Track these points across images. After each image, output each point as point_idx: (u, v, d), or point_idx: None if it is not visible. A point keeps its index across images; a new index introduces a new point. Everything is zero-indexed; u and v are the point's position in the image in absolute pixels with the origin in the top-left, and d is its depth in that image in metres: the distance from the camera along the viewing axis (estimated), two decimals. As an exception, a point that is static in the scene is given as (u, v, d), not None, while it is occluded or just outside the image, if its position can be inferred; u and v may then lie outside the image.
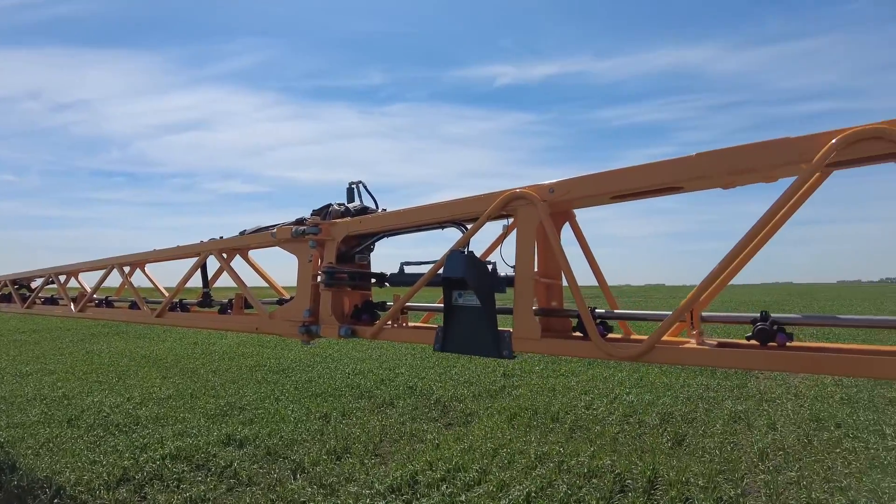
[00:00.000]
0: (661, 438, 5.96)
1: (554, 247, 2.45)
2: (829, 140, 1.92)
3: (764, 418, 6.77)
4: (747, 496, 4.54)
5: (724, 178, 2.14)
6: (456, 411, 7.35)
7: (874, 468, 5.02)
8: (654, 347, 2.15)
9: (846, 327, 2.09)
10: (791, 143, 2.01)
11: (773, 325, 2.07)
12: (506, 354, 2.52)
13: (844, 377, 8.18)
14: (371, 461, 5.45)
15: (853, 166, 2.11)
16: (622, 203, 2.74)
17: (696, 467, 5.06)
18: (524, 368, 10.37)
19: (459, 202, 2.81)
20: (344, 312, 3.26)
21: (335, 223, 3.21)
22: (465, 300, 2.61)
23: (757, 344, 2.09)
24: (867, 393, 7.87)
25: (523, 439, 6.01)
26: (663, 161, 2.25)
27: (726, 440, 5.92)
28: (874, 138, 1.85)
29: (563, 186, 2.49)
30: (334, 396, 8.22)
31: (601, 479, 4.81)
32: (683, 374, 9.55)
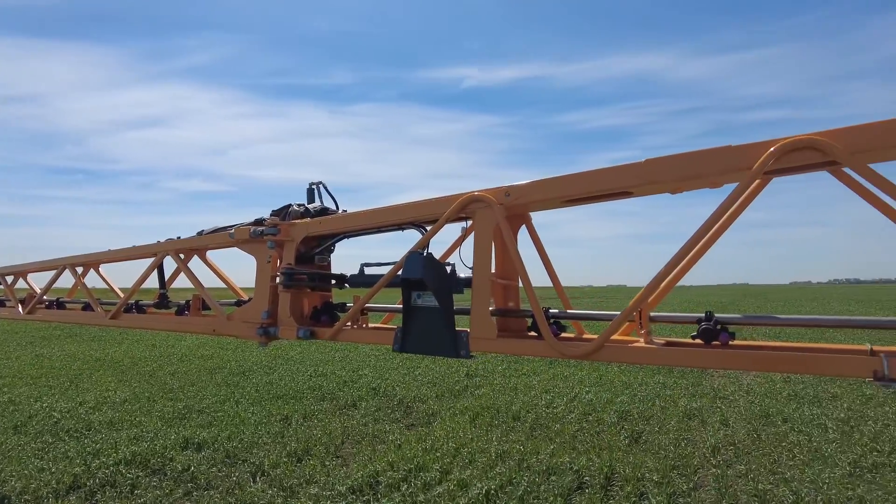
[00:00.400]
0: (618, 436, 6.11)
1: (510, 249, 2.51)
2: (767, 149, 2.03)
3: (717, 415, 7.00)
4: (699, 490, 4.70)
5: (672, 183, 2.23)
6: (419, 412, 7.37)
7: (816, 460, 5.26)
8: (604, 346, 2.23)
9: (782, 326, 2.20)
10: (733, 151, 2.12)
11: (716, 325, 2.17)
12: (463, 354, 2.57)
13: (782, 373, 8.53)
14: (332, 463, 5.43)
15: (791, 174, 2.23)
16: (588, 205, 2.82)
17: (651, 463, 5.20)
18: (487, 368, 10.46)
19: (419, 204, 2.85)
20: (303, 314, 3.26)
21: (294, 224, 3.21)
22: (424, 301, 2.64)
23: (702, 343, 2.19)
24: (812, 389, 8.22)
25: (485, 438, 6.07)
26: (614, 167, 2.33)
27: (681, 436, 6.10)
28: (807, 148, 1.97)
29: (518, 190, 2.55)
30: (296, 398, 8.14)
31: (560, 477, 4.91)
32: (641, 372, 9.80)
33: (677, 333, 2.58)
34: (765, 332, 13.66)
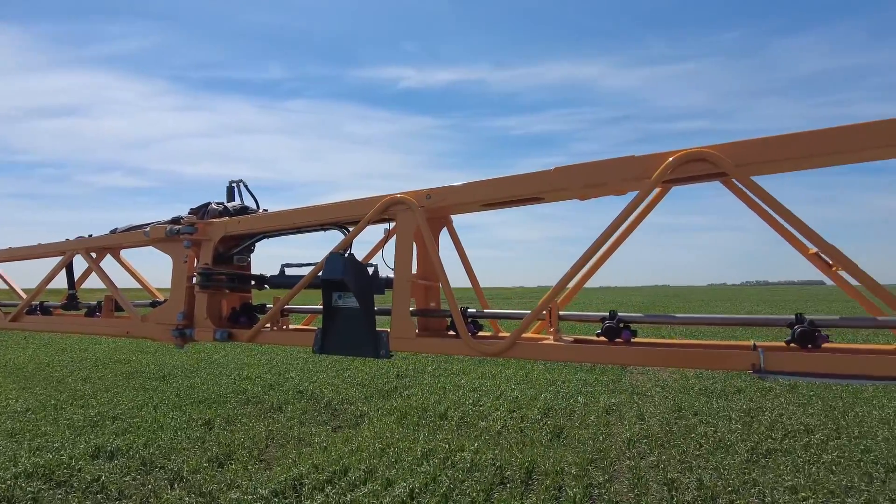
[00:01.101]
0: (540, 431, 6.32)
1: (430, 250, 2.58)
2: (665, 160, 2.19)
3: (634, 410, 7.36)
4: (614, 481, 4.94)
5: (580, 190, 2.36)
6: (346, 413, 7.33)
7: (720, 448, 5.65)
8: (516, 344, 2.33)
9: (678, 325, 2.38)
10: (635, 161, 2.27)
11: (619, 323, 2.32)
12: (383, 354, 2.61)
13: (677, 368, 9.13)
14: (255, 466, 5.32)
15: (687, 183, 2.41)
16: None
17: (570, 457, 5.42)
18: (417, 369, 10.52)
19: (341, 205, 2.86)
20: (221, 315, 3.20)
21: (212, 223, 3.14)
22: (345, 302, 2.66)
23: (605, 340, 2.33)
24: (721, 384, 8.78)
25: (411, 438, 6.12)
26: (526, 174, 2.44)
27: (599, 431, 6.38)
28: (699, 160, 2.14)
29: (439, 193, 2.62)
30: (219, 402, 7.90)
31: (483, 473, 5.03)
32: (565, 370, 10.14)
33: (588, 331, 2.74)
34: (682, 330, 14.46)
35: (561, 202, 2.53)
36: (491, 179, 2.51)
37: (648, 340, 2.30)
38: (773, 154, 2.00)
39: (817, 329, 2.05)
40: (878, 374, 1.94)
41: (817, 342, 2.04)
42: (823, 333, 2.05)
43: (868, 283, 1.89)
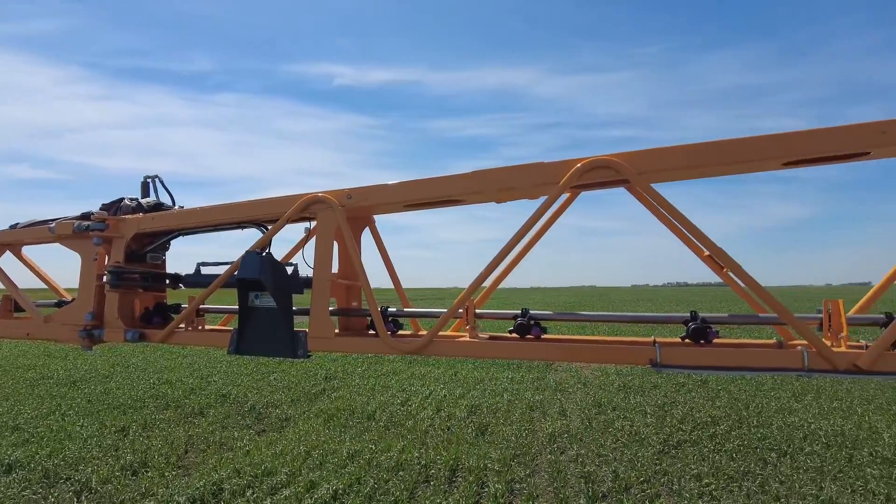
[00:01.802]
0: (466, 429, 6.43)
1: (349, 250, 2.60)
2: (573, 166, 2.31)
3: (556, 406, 7.61)
4: (535, 475, 5.10)
5: (495, 194, 2.45)
6: (271, 417, 7.18)
7: (634, 441, 5.94)
8: (433, 342, 2.39)
9: (584, 322, 2.51)
10: (545, 167, 2.38)
11: (529, 321, 2.42)
12: (301, 354, 2.60)
13: (585, 363, 9.58)
14: (173, 473, 5.13)
15: (595, 189, 2.55)
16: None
17: (494, 454, 5.54)
18: (346, 370, 10.42)
19: (260, 203, 2.83)
20: (133, 315, 3.09)
21: (124, 219, 3.03)
22: (262, 302, 2.63)
23: (518, 337, 2.43)
24: (639, 380, 9.22)
25: (337, 440, 6.08)
26: (446, 176, 2.51)
27: (523, 427, 6.56)
28: (604, 167, 2.27)
29: (360, 193, 2.64)
30: (135, 408, 7.54)
31: (408, 472, 5.06)
32: (493, 369, 10.35)
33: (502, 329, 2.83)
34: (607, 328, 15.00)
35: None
36: (412, 181, 2.56)
37: (557, 337, 2.42)
38: (669, 163, 2.15)
39: (709, 326, 2.22)
40: (760, 366, 2.13)
41: (709, 338, 2.21)
42: (714, 330, 2.22)
43: (750, 283, 2.07)
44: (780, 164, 2.24)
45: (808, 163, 2.25)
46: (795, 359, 2.01)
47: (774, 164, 2.25)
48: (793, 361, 2.02)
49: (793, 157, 2.18)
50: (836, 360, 1.96)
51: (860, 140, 2.09)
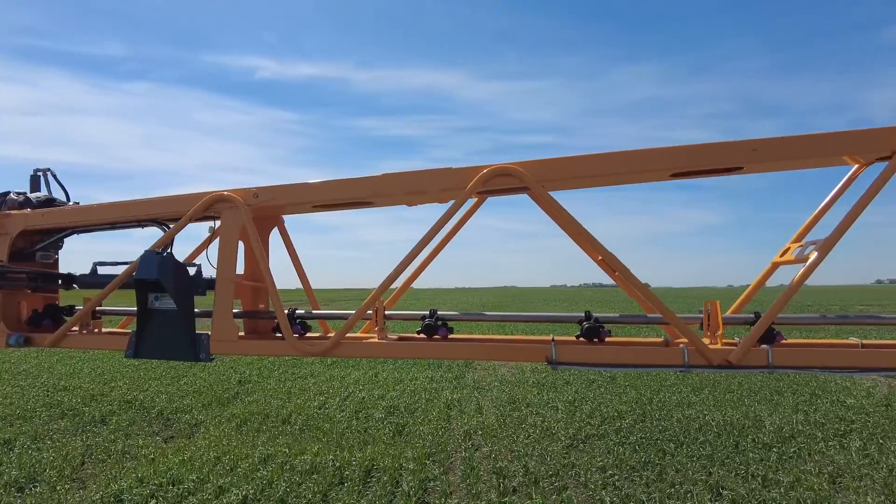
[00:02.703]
0: (383, 430, 6.43)
1: (255, 250, 2.56)
2: (479, 172, 2.39)
3: (473, 404, 7.76)
4: (449, 473, 5.19)
5: (404, 197, 2.50)
6: (181, 423, 6.88)
7: (546, 437, 6.18)
8: (340, 343, 2.40)
9: (487, 321, 2.61)
10: (453, 173, 2.45)
11: (437, 321, 2.49)
12: (203, 357, 2.54)
13: (487, 360, 9.95)
14: (66, 487, 4.81)
15: (501, 195, 2.65)
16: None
17: (409, 453, 5.59)
18: (262, 374, 10.15)
19: (161, 201, 2.73)
20: (19, 318, 2.89)
21: (10, 215, 2.83)
22: (162, 303, 2.54)
23: (425, 337, 2.49)
24: (552, 377, 9.57)
25: (250, 444, 5.92)
26: (357, 178, 2.53)
27: (440, 426, 6.64)
28: (507, 174, 2.37)
29: (267, 192, 2.61)
30: (24, 419, 6.99)
31: (322, 474, 5.02)
32: (413, 369, 10.40)
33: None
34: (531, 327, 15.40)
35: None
36: (321, 181, 2.55)
37: (462, 336, 2.50)
38: (565, 172, 2.28)
39: (601, 325, 2.37)
40: (646, 363, 2.30)
41: (601, 336, 2.36)
42: (606, 329, 2.38)
43: (637, 286, 2.24)
44: (668, 175, 2.43)
45: (692, 175, 2.45)
46: (677, 356, 2.19)
47: (663, 175, 2.43)
48: (675, 358, 2.20)
49: (678, 170, 2.36)
50: (711, 357, 2.15)
51: (734, 156, 2.30)
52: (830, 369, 2.24)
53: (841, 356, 2.29)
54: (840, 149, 2.32)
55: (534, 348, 2.24)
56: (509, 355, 2.33)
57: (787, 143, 2.28)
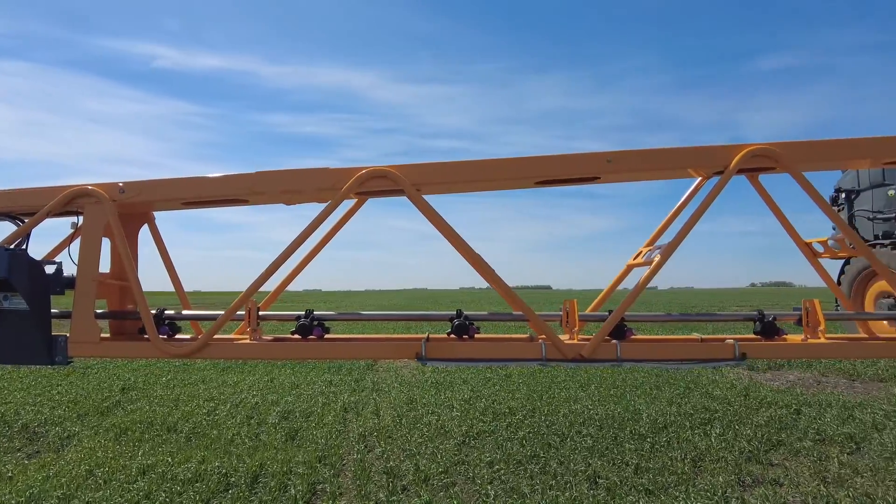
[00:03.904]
0: (275, 435, 6.29)
1: (120, 248, 2.45)
2: (356, 173, 2.44)
3: (371, 406, 7.76)
4: (340, 475, 5.16)
5: (280, 196, 2.50)
6: (49, 436, 6.35)
7: (439, 435, 6.30)
8: (209, 344, 2.36)
9: (363, 321, 2.66)
10: (329, 173, 2.48)
11: (312, 322, 2.50)
12: (59, 361, 2.39)
13: (361, 359, 10.13)
14: None
15: (379, 196, 2.71)
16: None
17: (301, 457, 5.51)
18: (148, 381, 9.57)
19: (14, 193, 2.55)
20: None
21: None
22: (12, 303, 2.37)
23: (300, 337, 2.49)
24: (450, 376, 9.76)
25: (129, 455, 5.58)
26: (229, 175, 2.49)
27: (335, 429, 6.59)
28: (382, 177, 2.43)
29: (134, 188, 2.51)
30: None
31: (206, 482, 4.83)
32: (312, 372, 10.22)
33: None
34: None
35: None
36: (192, 177, 2.48)
37: (336, 336, 2.53)
38: (437, 177, 2.38)
39: (471, 322, 2.48)
40: (510, 357, 2.44)
41: (471, 333, 2.48)
42: (476, 326, 2.50)
43: (502, 286, 2.37)
44: (533, 182, 2.59)
45: (555, 183, 2.63)
46: (537, 350, 2.35)
47: (529, 183, 2.59)
48: (535, 353, 2.36)
49: (542, 178, 2.53)
50: (566, 351, 2.32)
51: (591, 167, 2.50)
52: (673, 361, 2.49)
53: (684, 349, 2.55)
54: (684, 163, 2.59)
55: (405, 346, 2.32)
56: (382, 353, 2.38)
57: (638, 155, 2.51)
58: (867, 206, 13.12)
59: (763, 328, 2.70)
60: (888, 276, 2.66)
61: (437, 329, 7.94)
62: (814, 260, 3.08)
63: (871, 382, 9.12)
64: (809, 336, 2.73)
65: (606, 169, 2.49)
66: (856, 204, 13.46)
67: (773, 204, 2.79)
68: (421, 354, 2.27)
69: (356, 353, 2.42)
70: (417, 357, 2.27)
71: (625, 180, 2.68)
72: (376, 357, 2.34)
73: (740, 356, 2.46)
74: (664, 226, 2.85)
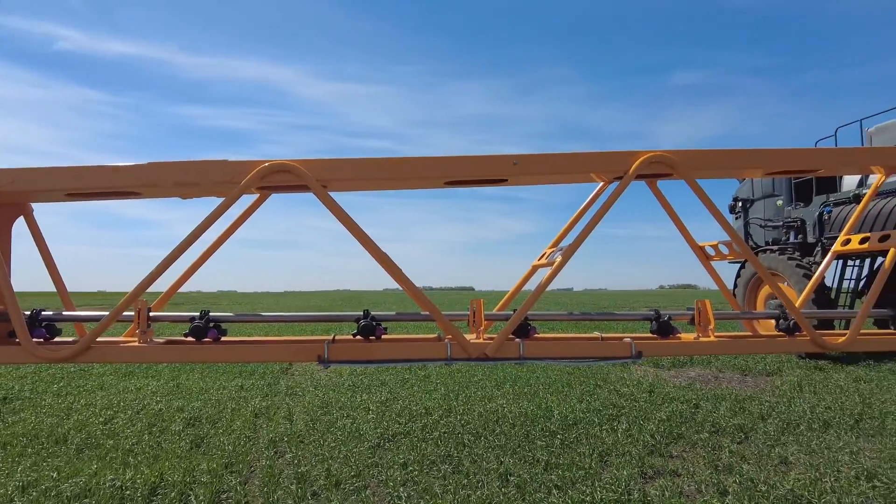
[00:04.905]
0: (179, 443, 5.96)
1: (-12, 243, 2.22)
2: (257, 167, 2.33)
3: (284, 411, 7.53)
4: (247, 482, 4.96)
5: (173, 188, 2.35)
6: (-87, 452, 5.69)
7: (353, 438, 6.20)
8: (91, 347, 2.18)
9: (263, 322, 2.56)
10: (228, 166, 2.36)
11: (208, 323, 2.37)
12: None
13: (260, 363, 10.06)
14: None
15: (283, 192, 2.61)
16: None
17: (206, 465, 5.24)
18: (36, 389, 8.82)
19: None
20: None
21: None
22: None
23: (194, 340, 2.36)
24: (368, 379, 9.65)
25: (5, 472, 5.10)
26: (118, 166, 2.32)
27: (244, 435, 6.33)
28: (285, 171, 2.34)
29: (6, 176, 2.28)
30: None
31: (96, 497, 4.49)
32: (222, 377, 9.79)
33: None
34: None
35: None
36: (74, 167, 2.29)
37: (234, 339, 2.41)
38: (344, 174, 2.33)
39: (378, 323, 2.44)
40: (417, 357, 2.42)
41: (377, 334, 2.44)
42: (383, 327, 2.46)
43: (409, 286, 2.35)
44: (442, 182, 2.58)
45: (465, 184, 2.64)
46: (442, 350, 2.34)
47: (438, 183, 2.58)
48: (441, 352, 2.35)
49: (451, 178, 2.53)
50: (471, 350, 2.33)
51: (498, 168, 2.53)
52: (574, 359, 2.56)
53: (584, 347, 2.63)
54: (587, 167, 2.67)
55: (307, 348, 2.24)
56: (282, 356, 2.30)
57: (544, 159, 2.57)
58: (760, 214, 14.22)
59: (659, 327, 2.83)
60: (768, 278, 2.86)
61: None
62: (706, 263, 3.27)
63: (760, 377, 9.87)
64: (701, 334, 2.89)
65: (513, 171, 2.52)
66: (750, 212, 14.55)
67: (669, 209, 2.93)
68: (323, 357, 2.20)
69: (254, 356, 2.32)
70: (319, 360, 2.20)
71: (531, 183, 2.73)
72: (276, 360, 2.25)
73: (636, 354, 2.57)
74: (567, 228, 2.93)
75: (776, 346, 3.00)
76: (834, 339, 2.94)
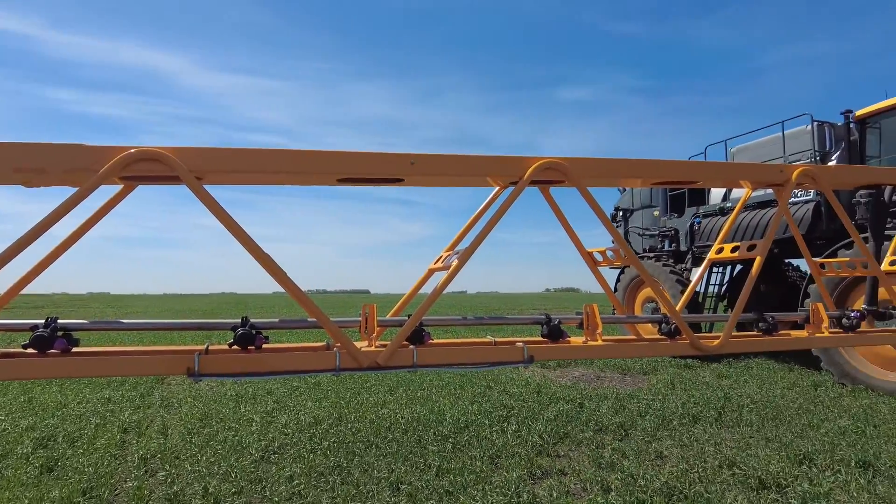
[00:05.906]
0: (26, 468, 5.25)
1: None
2: (120, 153, 2.05)
3: (158, 424, 6.91)
4: (110, 507, 4.46)
5: (13, 174, 2.00)
6: None
7: (235, 452, 5.80)
8: None
9: (123, 330, 2.28)
10: (85, 151, 2.05)
11: (55, 332, 2.05)
12: None
13: (117, 376, 9.32)
14: None
15: (151, 183, 2.33)
16: None
17: (57, 492, 4.65)
18: None
19: None
20: None
21: None
22: None
23: (35, 353, 2.03)
24: (252, 388, 9.13)
25: None
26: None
27: (109, 454, 5.72)
28: (153, 160, 2.08)
29: None
30: None
31: (-86, 537, 3.82)
32: (86, 389, 8.84)
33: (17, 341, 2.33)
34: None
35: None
36: None
37: (88, 350, 2.10)
38: (222, 164, 2.11)
39: (259, 331, 2.24)
40: (301, 369, 2.25)
41: (257, 343, 2.23)
42: (264, 335, 2.26)
43: (293, 290, 2.18)
44: (335, 179, 2.43)
45: (359, 182, 2.50)
46: (330, 360, 2.19)
47: (330, 180, 2.43)
48: (329, 362, 2.20)
49: (344, 175, 2.38)
50: (362, 359, 2.20)
51: (395, 168, 2.42)
52: (468, 365, 2.51)
53: (478, 353, 2.58)
54: (483, 170, 2.64)
55: (175, 360, 2.00)
56: (145, 369, 2.03)
57: (441, 160, 2.50)
58: (639, 223, 15.27)
59: (549, 331, 2.86)
60: (651, 283, 2.99)
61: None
62: (594, 268, 3.36)
63: (638, 376, 10.53)
64: (589, 338, 2.95)
65: (410, 171, 2.43)
66: (630, 221, 15.58)
67: (560, 215, 2.97)
68: (193, 370, 1.97)
69: (111, 369, 2.03)
70: (189, 373, 1.96)
71: (428, 184, 2.66)
72: (138, 374, 1.98)
73: (529, 358, 2.57)
74: (463, 232, 2.89)
75: (659, 349, 3.15)
76: (709, 341, 3.14)
